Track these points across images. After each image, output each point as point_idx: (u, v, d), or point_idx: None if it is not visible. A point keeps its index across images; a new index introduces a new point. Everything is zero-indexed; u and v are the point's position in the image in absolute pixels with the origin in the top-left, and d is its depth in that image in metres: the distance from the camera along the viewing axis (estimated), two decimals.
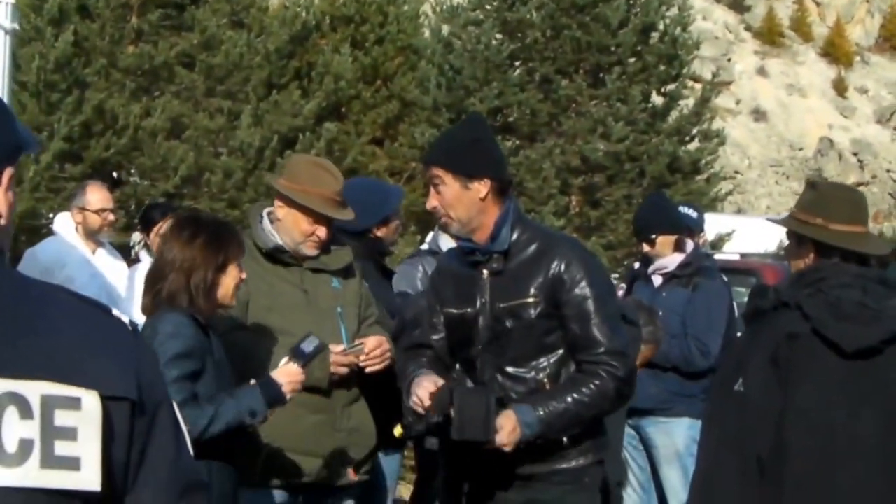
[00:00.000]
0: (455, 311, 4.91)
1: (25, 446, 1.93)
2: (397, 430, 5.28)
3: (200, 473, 2.29)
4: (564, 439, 4.67)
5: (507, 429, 4.46)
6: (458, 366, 4.98)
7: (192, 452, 2.24)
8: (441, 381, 4.67)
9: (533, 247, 4.73)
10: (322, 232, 5.61)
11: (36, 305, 2.06)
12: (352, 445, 5.62)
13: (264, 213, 5.70)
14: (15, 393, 1.93)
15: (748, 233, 25.62)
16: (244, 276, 4.90)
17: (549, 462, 4.70)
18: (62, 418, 1.95)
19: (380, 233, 6.60)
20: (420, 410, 4.64)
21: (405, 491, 10.02)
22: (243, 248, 4.95)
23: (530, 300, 4.67)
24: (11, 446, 1.92)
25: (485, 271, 4.79)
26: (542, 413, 4.52)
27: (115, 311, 2.18)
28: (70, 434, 1.95)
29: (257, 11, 18.71)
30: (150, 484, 2.09)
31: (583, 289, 4.63)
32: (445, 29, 23.06)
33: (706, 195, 22.58)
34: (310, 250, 5.63)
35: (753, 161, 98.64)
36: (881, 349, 3.93)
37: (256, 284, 5.31)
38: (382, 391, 5.90)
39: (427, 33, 22.90)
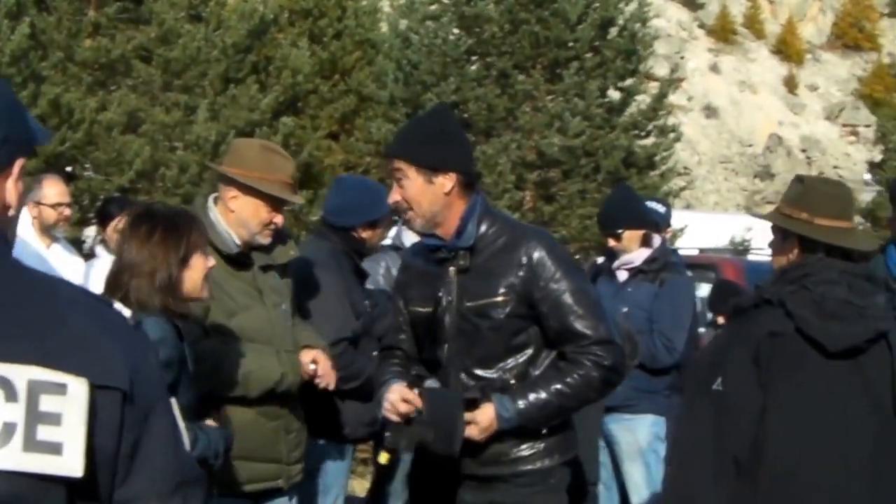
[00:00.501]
0: (421, 309, 4.80)
1: (8, 429, 1.95)
2: (383, 458, 5.08)
3: (197, 469, 2.30)
4: (540, 436, 4.61)
5: (483, 425, 4.43)
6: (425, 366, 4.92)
7: (188, 445, 2.24)
8: (406, 391, 4.59)
9: (500, 241, 4.61)
10: (279, 219, 5.49)
11: (37, 296, 2.09)
12: (298, 445, 5.63)
13: (212, 208, 5.47)
14: (2, 377, 1.96)
15: (698, 228, 25.87)
16: (211, 262, 4.65)
17: (513, 464, 4.62)
18: (47, 403, 1.97)
19: (364, 234, 6.57)
20: (394, 418, 4.57)
21: (357, 486, 10.02)
22: (204, 235, 4.68)
23: (499, 299, 4.55)
24: None
25: (451, 269, 4.67)
26: (521, 405, 4.44)
27: (117, 305, 2.15)
28: (54, 419, 1.97)
29: (215, 5, 18.56)
30: (145, 474, 2.10)
31: (558, 282, 4.52)
32: (403, 23, 23.05)
33: (660, 190, 22.50)
34: (265, 239, 5.50)
35: (703, 157, 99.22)
36: (865, 348, 3.88)
37: (215, 289, 5.00)
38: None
39: (385, 28, 22.91)
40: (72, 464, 1.98)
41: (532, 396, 4.47)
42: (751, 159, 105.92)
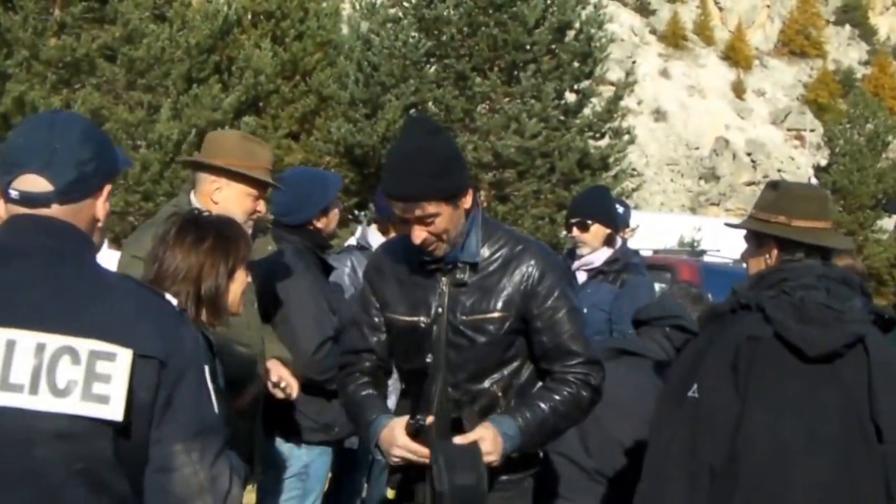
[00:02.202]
0: (404, 317, 4.54)
1: (71, 385, 2.69)
2: (390, 493, 4.78)
3: (217, 422, 2.96)
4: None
5: (489, 439, 4.26)
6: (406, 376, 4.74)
7: (215, 408, 3.01)
8: (410, 442, 4.28)
9: (499, 255, 4.44)
10: (262, 207, 5.42)
11: (106, 287, 2.81)
12: (258, 445, 5.57)
13: (197, 204, 5.30)
14: (70, 346, 2.71)
15: (649, 228, 26.06)
16: (250, 279, 4.52)
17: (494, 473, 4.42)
18: (101, 367, 2.71)
19: (319, 224, 6.40)
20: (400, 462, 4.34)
21: None
22: (250, 248, 4.50)
23: (497, 315, 4.39)
24: (62, 384, 2.69)
25: (444, 279, 4.45)
26: (521, 423, 4.34)
27: (168, 296, 2.99)
28: (105, 378, 2.71)
29: (180, 6, 18.73)
30: (174, 421, 2.79)
31: (557, 300, 4.39)
32: (364, 26, 23.18)
33: (612, 191, 22.50)
34: (248, 230, 5.35)
35: (651, 159, 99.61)
36: (843, 353, 3.80)
37: None
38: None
39: (346, 30, 22.97)
40: (115, 411, 2.69)
41: (531, 416, 4.38)
42: (697, 162, 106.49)
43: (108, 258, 6.05)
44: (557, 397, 4.41)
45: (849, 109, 50.23)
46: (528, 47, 22.95)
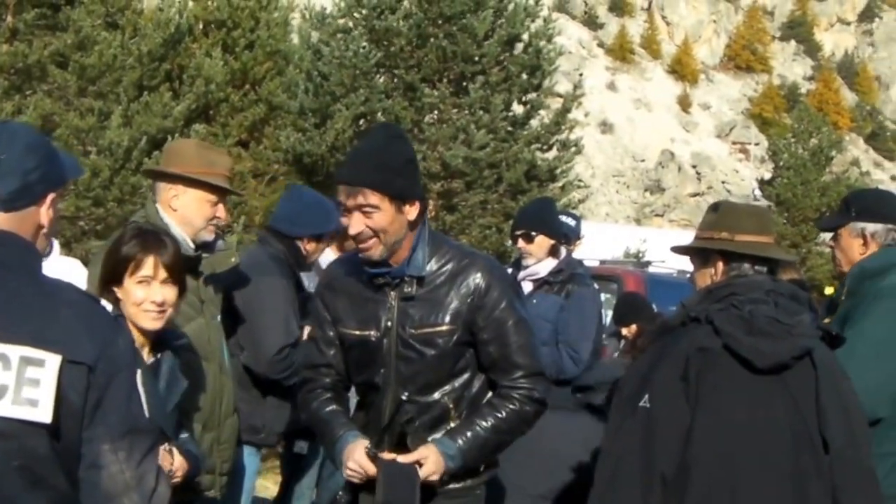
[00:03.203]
0: (355, 332, 4.66)
1: (2, 389, 2.89)
2: None
3: (146, 423, 3.15)
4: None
5: (431, 459, 4.40)
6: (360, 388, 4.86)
7: (145, 410, 3.22)
8: (365, 461, 4.47)
9: (447, 269, 4.52)
10: (222, 213, 5.57)
11: (44, 295, 3.01)
12: (229, 454, 5.72)
13: (162, 213, 5.51)
14: (3, 353, 2.88)
15: (595, 239, 26.19)
16: (213, 292, 5.09)
17: (458, 478, 4.60)
18: (31, 372, 2.90)
19: (308, 247, 6.63)
20: (357, 480, 4.51)
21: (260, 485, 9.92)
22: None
23: (445, 328, 4.49)
24: None
25: (392, 293, 4.56)
26: (463, 444, 4.45)
27: (103, 302, 3.36)
28: (34, 383, 2.90)
29: (132, 13, 18.68)
30: (103, 422, 2.98)
31: (503, 312, 4.49)
32: (314, 36, 23.22)
33: (559, 202, 22.47)
34: (210, 235, 5.56)
35: (597, 171, 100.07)
36: (791, 365, 3.90)
37: None
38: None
39: (296, 40, 22.97)
40: (44, 414, 2.90)
41: (471, 436, 4.46)
42: (643, 174, 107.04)
43: (59, 263, 6.18)
44: (500, 415, 4.51)
45: (793, 124, 50.72)
46: (476, 59, 23.11)
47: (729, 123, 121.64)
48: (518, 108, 24.33)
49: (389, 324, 4.55)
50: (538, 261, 7.78)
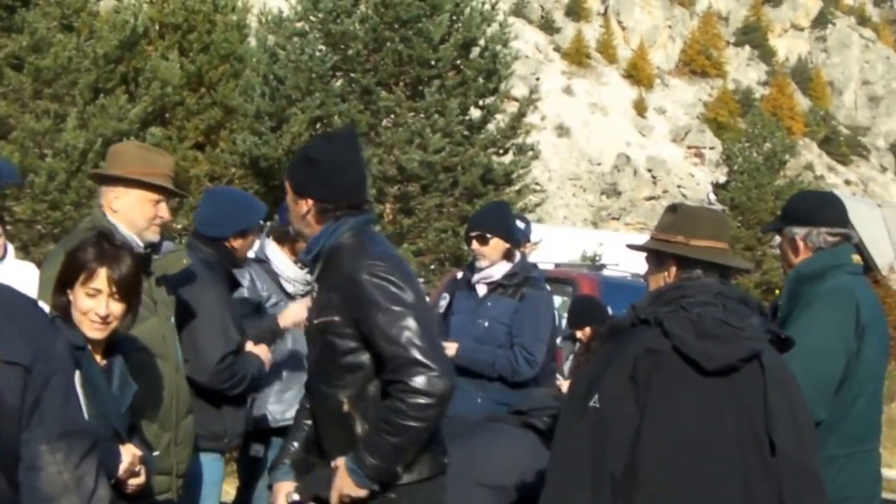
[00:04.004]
0: (306, 324, 4.94)
1: None
2: None
3: (84, 425, 3.14)
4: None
5: (347, 484, 4.51)
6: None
7: (84, 413, 3.20)
8: (288, 491, 4.76)
9: (342, 265, 4.64)
10: (165, 212, 5.59)
11: None
12: (185, 455, 5.71)
13: (108, 215, 5.56)
14: None
15: (552, 242, 26.25)
16: (166, 293, 5.08)
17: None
18: None
19: (235, 244, 6.56)
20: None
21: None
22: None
23: (336, 318, 4.60)
24: None
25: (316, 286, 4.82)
26: (371, 462, 4.48)
27: (41, 304, 3.24)
28: None
29: (87, 16, 18.62)
30: (40, 424, 2.96)
31: (376, 306, 4.53)
32: (271, 39, 23.26)
33: (515, 206, 22.82)
34: (154, 235, 5.58)
35: (554, 174, 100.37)
36: (739, 367, 3.89)
37: None
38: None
39: (252, 43, 22.96)
40: None
41: (376, 450, 4.49)
42: (599, 177, 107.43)
43: (14, 267, 6.18)
44: (395, 419, 4.47)
45: (747, 128, 51.01)
46: (433, 63, 23.25)
47: (684, 128, 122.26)
48: (474, 112, 24.49)
49: (311, 316, 4.79)
50: (492, 263, 7.73)
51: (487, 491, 5.86)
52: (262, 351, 6.43)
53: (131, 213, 5.55)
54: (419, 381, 4.45)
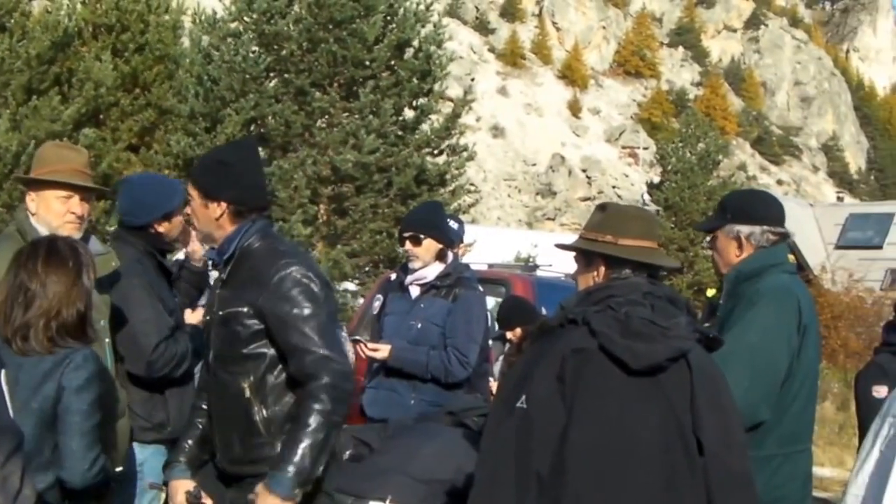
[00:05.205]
0: (206, 317, 5.14)
1: None
2: None
3: (10, 424, 3.23)
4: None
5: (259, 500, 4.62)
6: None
7: (10, 412, 3.32)
8: (187, 490, 4.94)
9: (254, 260, 4.84)
10: (77, 208, 5.60)
11: None
12: (117, 457, 5.58)
13: (30, 217, 5.62)
14: None
15: (486, 243, 26.29)
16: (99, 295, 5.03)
17: (262, 464, 4.77)
18: None
19: (161, 228, 6.51)
20: None
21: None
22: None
23: (243, 309, 4.77)
24: None
25: (220, 282, 5.00)
26: (290, 470, 4.58)
27: None
28: None
29: (20, 16, 18.51)
30: None
31: (287, 301, 4.73)
32: (205, 40, 23.10)
33: (449, 206, 22.89)
34: (72, 233, 5.53)
35: (489, 175, 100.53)
36: (666, 367, 3.89)
37: None
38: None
39: (186, 43, 22.85)
40: None
41: (293, 455, 4.60)
42: (534, 178, 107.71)
43: None
44: (307, 419, 4.62)
45: (681, 128, 51.15)
46: (367, 64, 23.20)
47: (618, 128, 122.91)
48: (408, 113, 24.47)
49: (215, 307, 4.94)
50: (425, 264, 7.72)
51: (422, 486, 5.94)
52: (195, 318, 6.44)
53: (44, 212, 5.59)
54: (333, 375, 4.65)
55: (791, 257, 5.55)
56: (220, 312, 4.87)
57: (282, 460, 4.59)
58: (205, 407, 5.13)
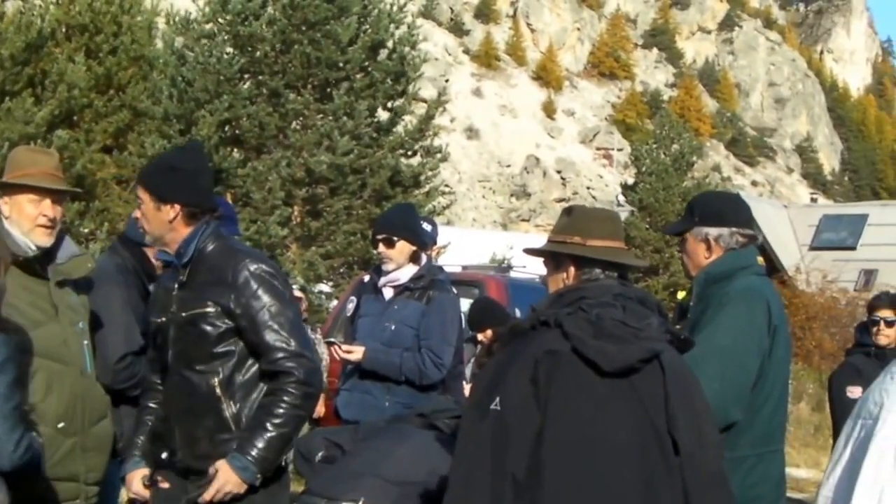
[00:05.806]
0: (156, 320, 5.16)
1: None
2: None
3: None
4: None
5: (221, 475, 4.78)
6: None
7: None
8: (141, 488, 5.13)
9: (215, 261, 4.96)
10: (49, 211, 5.56)
11: None
12: (97, 466, 5.68)
13: (2, 220, 5.59)
14: None
15: (460, 245, 26.33)
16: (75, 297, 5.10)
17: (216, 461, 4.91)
18: None
19: (150, 251, 6.45)
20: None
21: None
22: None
23: (208, 310, 4.88)
24: None
25: (176, 284, 5.05)
26: (253, 454, 4.75)
27: None
28: None
29: None
30: None
31: (257, 299, 4.87)
32: (179, 41, 23.02)
33: (424, 208, 22.94)
34: (43, 237, 5.55)
35: (464, 176, 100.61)
36: (639, 368, 3.89)
37: (9, 299, 4.83)
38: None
39: (160, 45, 22.81)
40: None
41: (257, 441, 4.78)
42: (508, 179, 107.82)
43: None
44: (276, 410, 4.83)
45: (655, 130, 51.19)
46: (341, 65, 23.18)
47: (593, 129, 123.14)
48: (382, 115, 24.43)
49: (172, 309, 5.02)
50: (399, 266, 7.73)
51: (395, 488, 5.95)
52: None
53: (17, 217, 5.55)
54: (305, 372, 4.84)
55: (760, 259, 5.55)
56: (184, 314, 4.96)
57: (248, 444, 4.76)
58: (153, 405, 5.25)
